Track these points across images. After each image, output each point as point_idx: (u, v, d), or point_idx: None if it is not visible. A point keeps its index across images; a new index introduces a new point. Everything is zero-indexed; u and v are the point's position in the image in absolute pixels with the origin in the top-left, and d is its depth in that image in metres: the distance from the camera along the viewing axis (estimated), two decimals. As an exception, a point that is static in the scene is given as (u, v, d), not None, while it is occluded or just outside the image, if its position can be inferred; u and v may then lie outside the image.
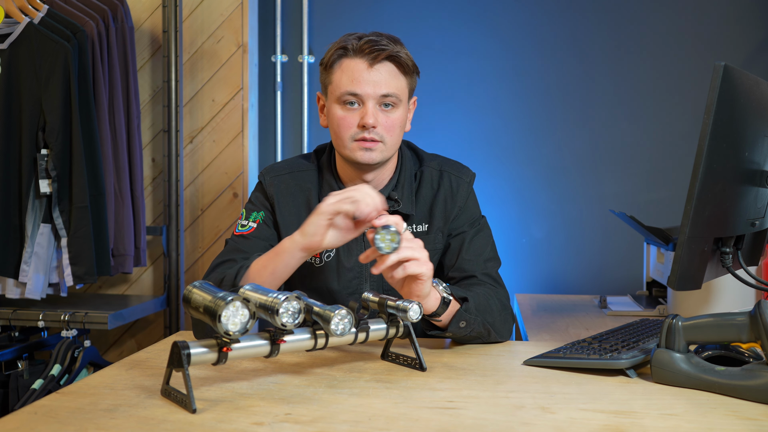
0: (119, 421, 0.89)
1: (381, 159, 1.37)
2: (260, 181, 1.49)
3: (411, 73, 1.40)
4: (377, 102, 1.35)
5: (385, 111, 1.36)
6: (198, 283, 0.99)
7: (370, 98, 1.34)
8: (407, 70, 1.38)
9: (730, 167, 1.14)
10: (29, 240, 2.09)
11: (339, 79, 1.35)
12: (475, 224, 1.48)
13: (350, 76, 1.34)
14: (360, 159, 1.36)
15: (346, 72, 1.35)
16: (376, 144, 1.35)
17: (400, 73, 1.37)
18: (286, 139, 2.68)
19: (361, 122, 1.34)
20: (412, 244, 1.17)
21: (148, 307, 2.39)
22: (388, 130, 1.36)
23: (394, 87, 1.36)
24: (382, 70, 1.34)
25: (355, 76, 1.34)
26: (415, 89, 1.45)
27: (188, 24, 2.58)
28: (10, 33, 2.10)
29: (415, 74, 1.41)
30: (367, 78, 1.34)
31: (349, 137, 1.36)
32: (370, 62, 1.34)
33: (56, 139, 2.06)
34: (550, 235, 2.57)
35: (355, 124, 1.35)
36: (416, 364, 1.15)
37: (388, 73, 1.35)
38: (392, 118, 1.36)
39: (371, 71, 1.34)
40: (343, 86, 1.35)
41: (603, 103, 2.55)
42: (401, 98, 1.37)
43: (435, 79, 2.58)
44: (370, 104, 1.34)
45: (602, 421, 0.90)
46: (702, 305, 1.63)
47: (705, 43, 2.49)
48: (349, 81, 1.34)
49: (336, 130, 1.38)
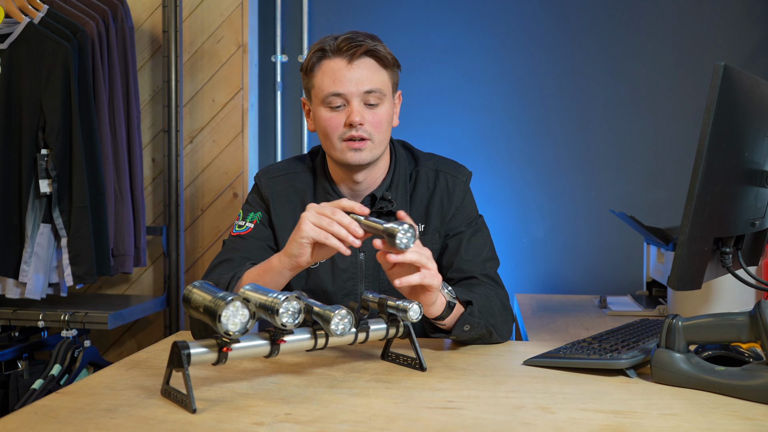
0: (119, 421, 0.89)
1: (371, 158, 1.37)
2: (256, 182, 1.49)
3: (391, 66, 1.40)
4: (362, 99, 1.35)
5: (371, 108, 1.36)
6: (198, 283, 0.99)
7: (354, 96, 1.34)
8: (387, 63, 1.38)
9: (730, 167, 1.14)
10: (29, 240, 2.09)
11: (321, 82, 1.35)
12: (473, 224, 1.47)
13: (331, 77, 1.34)
14: (350, 160, 1.36)
15: (327, 73, 1.35)
16: (365, 143, 1.35)
17: (381, 67, 1.37)
18: (286, 139, 2.68)
19: (348, 121, 1.34)
20: (425, 254, 1.16)
21: (148, 307, 2.39)
22: (375, 126, 1.36)
23: (377, 82, 1.36)
24: (362, 66, 1.35)
25: (336, 75, 1.34)
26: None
27: (188, 24, 2.58)
28: (10, 33, 2.11)
29: (396, 68, 1.41)
30: (348, 76, 1.33)
31: (338, 138, 1.35)
32: (349, 59, 1.34)
33: (56, 139, 2.06)
34: (550, 235, 2.57)
35: (341, 124, 1.35)
36: (416, 364, 1.15)
37: (369, 69, 1.35)
38: (379, 114, 1.36)
39: (351, 68, 1.34)
40: (325, 88, 1.35)
41: (603, 103, 2.55)
42: (385, 93, 1.37)
43: (435, 79, 2.58)
44: (355, 102, 1.34)
45: (602, 421, 0.90)
46: (702, 305, 1.63)
47: (705, 43, 2.49)
48: (331, 82, 1.34)
49: (323, 132, 1.38)
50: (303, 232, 1.16)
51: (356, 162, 1.36)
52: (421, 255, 1.14)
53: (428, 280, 1.15)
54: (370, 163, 1.39)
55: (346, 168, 1.40)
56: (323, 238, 1.14)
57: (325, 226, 1.15)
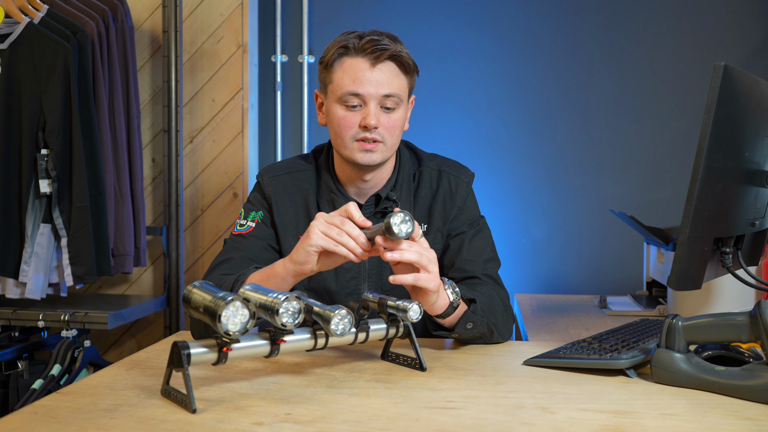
0: (119, 421, 0.89)
1: (381, 160, 1.37)
2: (258, 181, 1.49)
3: (412, 72, 1.39)
4: (379, 102, 1.34)
5: (387, 112, 1.35)
6: (198, 283, 0.99)
7: (372, 98, 1.33)
8: (408, 69, 1.38)
9: (730, 167, 1.14)
10: (29, 240, 2.09)
11: (340, 79, 1.34)
12: (475, 224, 1.48)
13: (352, 76, 1.33)
14: (360, 160, 1.36)
15: (348, 71, 1.34)
16: (377, 145, 1.35)
17: (402, 72, 1.37)
18: (286, 139, 2.68)
19: (363, 123, 1.33)
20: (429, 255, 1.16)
21: (148, 307, 2.39)
22: (389, 130, 1.36)
23: (396, 87, 1.35)
24: (385, 69, 1.34)
25: (357, 75, 1.33)
26: (414, 88, 1.45)
27: (188, 24, 2.58)
28: (10, 33, 2.10)
29: (415, 73, 1.41)
30: (369, 78, 1.33)
31: (350, 137, 1.35)
32: (373, 62, 1.33)
33: (56, 139, 2.06)
34: (550, 235, 2.57)
35: (356, 124, 1.34)
36: (416, 364, 1.15)
37: (390, 73, 1.34)
38: (393, 119, 1.36)
39: (373, 71, 1.33)
40: (344, 86, 1.33)
41: (603, 103, 2.55)
42: (402, 98, 1.37)
43: (435, 79, 2.58)
44: (372, 105, 1.33)
45: (602, 421, 0.90)
46: (702, 305, 1.63)
47: (705, 43, 2.49)
48: (351, 81, 1.33)
49: (337, 129, 1.37)
50: (312, 240, 1.15)
51: (366, 162, 1.36)
52: (421, 256, 1.14)
53: (423, 282, 1.15)
54: (379, 164, 1.39)
55: (355, 167, 1.40)
56: (332, 247, 1.14)
57: (334, 236, 1.14)
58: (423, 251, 1.15)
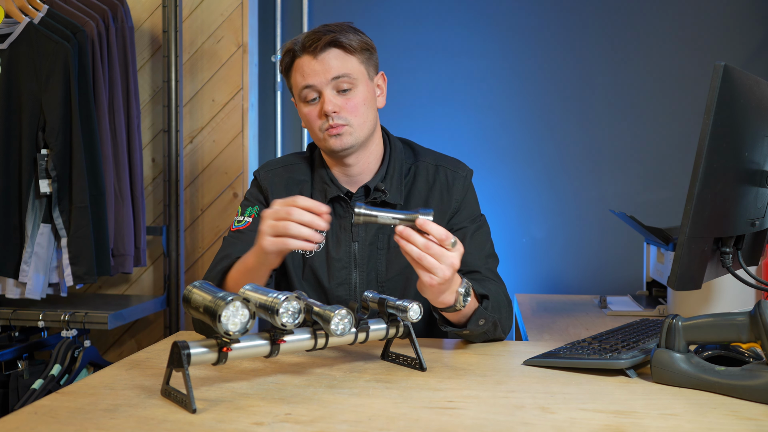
0: (119, 421, 0.89)
1: (353, 142, 1.39)
2: (255, 177, 1.53)
3: (360, 51, 1.41)
4: (333, 87, 1.37)
5: (344, 94, 1.38)
6: (198, 283, 0.99)
7: (324, 86, 1.37)
8: (353, 49, 1.40)
9: (730, 167, 1.14)
10: (29, 240, 2.09)
11: (295, 79, 1.41)
12: (476, 221, 1.49)
13: (301, 73, 1.38)
14: (333, 146, 1.39)
15: (298, 70, 1.39)
16: (343, 128, 1.38)
17: (347, 53, 1.39)
18: (286, 139, 2.68)
19: (322, 111, 1.37)
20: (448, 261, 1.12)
21: (148, 307, 2.39)
22: (351, 111, 1.38)
23: (344, 68, 1.37)
24: (328, 56, 1.37)
25: (305, 70, 1.38)
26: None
27: (188, 24, 2.58)
28: (10, 33, 2.10)
29: (366, 51, 1.42)
30: (315, 68, 1.37)
31: (319, 129, 1.39)
32: (314, 54, 1.37)
33: (56, 139, 2.06)
34: (550, 235, 2.57)
35: (318, 116, 1.39)
36: (416, 364, 1.15)
37: (335, 58, 1.38)
38: (353, 99, 1.38)
39: (317, 61, 1.37)
40: (298, 83, 1.39)
41: (603, 103, 2.55)
42: (356, 76, 1.39)
43: (435, 79, 2.58)
44: (327, 92, 1.37)
45: (602, 421, 0.90)
46: (702, 305, 1.63)
47: (705, 43, 2.49)
48: (301, 77, 1.38)
49: (307, 126, 1.43)
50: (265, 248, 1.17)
51: (339, 147, 1.39)
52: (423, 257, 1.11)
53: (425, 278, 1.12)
54: (354, 147, 1.40)
55: (333, 155, 1.43)
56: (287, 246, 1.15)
57: (281, 230, 1.14)
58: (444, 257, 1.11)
